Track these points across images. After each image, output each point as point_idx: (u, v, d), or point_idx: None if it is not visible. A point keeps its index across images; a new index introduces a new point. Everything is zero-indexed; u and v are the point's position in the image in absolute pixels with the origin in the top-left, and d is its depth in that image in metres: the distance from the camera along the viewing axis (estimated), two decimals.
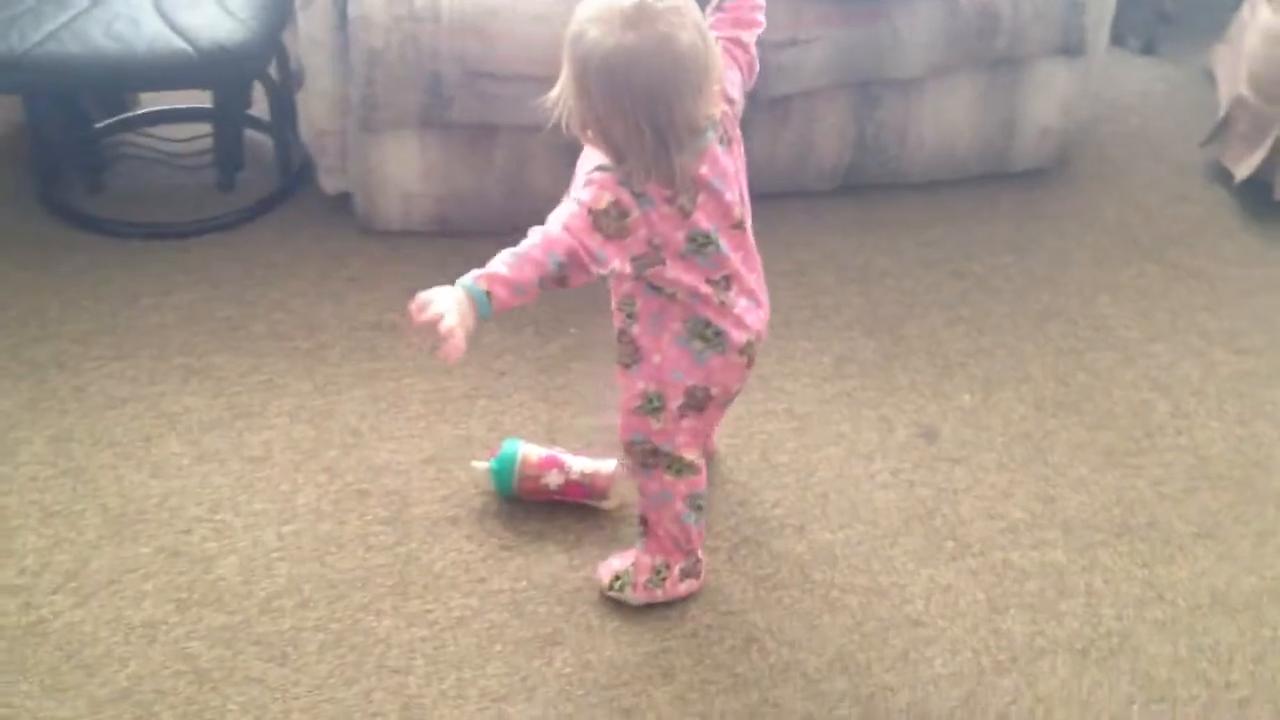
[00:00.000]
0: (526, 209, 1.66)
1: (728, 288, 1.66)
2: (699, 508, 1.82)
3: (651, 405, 1.73)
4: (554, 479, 1.95)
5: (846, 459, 2.12)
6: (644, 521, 1.83)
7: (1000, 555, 1.96)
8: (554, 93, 1.55)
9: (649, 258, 1.59)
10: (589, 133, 1.55)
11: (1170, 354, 2.39)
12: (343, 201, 2.58)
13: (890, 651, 1.81)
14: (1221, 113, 2.85)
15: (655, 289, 1.65)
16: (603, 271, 1.55)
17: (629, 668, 1.77)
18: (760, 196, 1.74)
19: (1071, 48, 2.62)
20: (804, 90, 2.53)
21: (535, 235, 1.52)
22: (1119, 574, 1.94)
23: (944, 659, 1.80)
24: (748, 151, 1.68)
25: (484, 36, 2.32)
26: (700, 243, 1.61)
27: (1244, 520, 2.04)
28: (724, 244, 1.64)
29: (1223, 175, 2.84)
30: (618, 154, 1.54)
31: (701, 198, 1.59)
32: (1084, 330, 2.44)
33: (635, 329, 1.71)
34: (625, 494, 1.95)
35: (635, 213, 1.55)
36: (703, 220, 1.60)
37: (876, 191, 2.73)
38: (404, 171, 2.47)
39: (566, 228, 1.52)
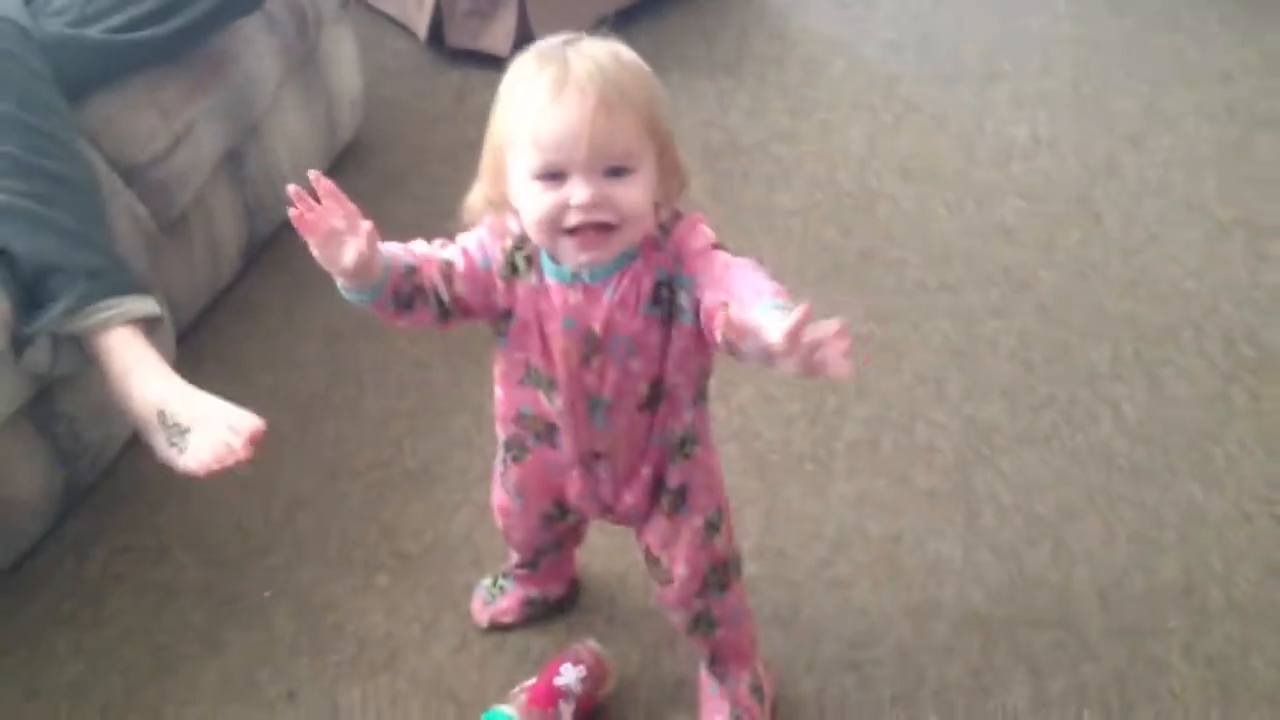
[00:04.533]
0: None
1: None
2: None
3: (714, 526, 1.25)
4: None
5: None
6: (722, 660, 1.34)
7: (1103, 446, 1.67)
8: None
9: None
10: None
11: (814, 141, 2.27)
12: None
13: None
14: None
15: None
16: None
17: None
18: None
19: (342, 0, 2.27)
20: (196, 189, 1.86)
21: None
22: (1140, 422, 1.70)
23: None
24: None
25: None
26: None
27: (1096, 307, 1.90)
28: None
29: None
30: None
31: None
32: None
33: (699, 451, 1.21)
34: (615, 667, 1.39)
35: None
36: None
37: (283, 236, 2.02)
38: None
39: None
